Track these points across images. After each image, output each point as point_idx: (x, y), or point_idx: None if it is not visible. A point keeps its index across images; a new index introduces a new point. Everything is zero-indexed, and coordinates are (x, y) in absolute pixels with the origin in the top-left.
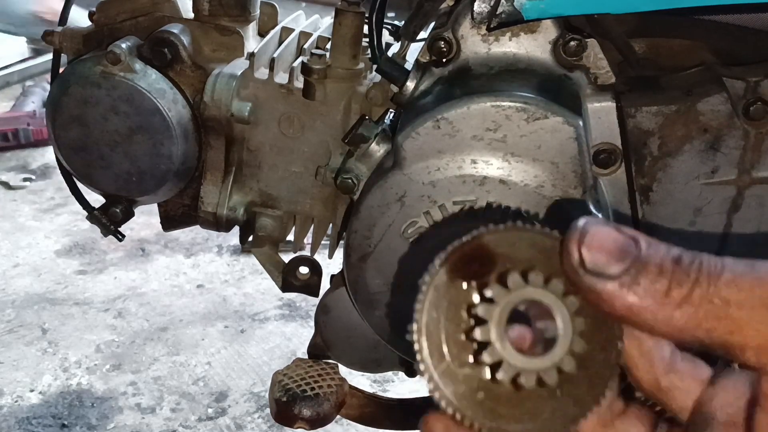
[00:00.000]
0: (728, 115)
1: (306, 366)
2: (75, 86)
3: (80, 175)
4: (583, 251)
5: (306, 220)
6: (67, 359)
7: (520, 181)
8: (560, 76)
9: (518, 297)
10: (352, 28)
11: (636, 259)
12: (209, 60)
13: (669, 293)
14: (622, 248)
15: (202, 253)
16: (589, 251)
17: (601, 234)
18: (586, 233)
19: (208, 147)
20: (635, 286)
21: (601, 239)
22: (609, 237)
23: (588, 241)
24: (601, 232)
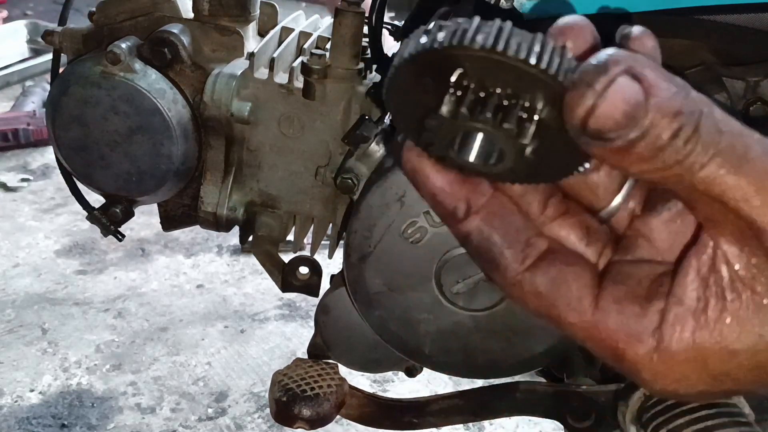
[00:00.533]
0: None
1: (306, 366)
2: (75, 86)
3: (80, 175)
4: (592, 118)
5: (306, 220)
6: (67, 359)
7: None
8: None
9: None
10: (352, 28)
11: (638, 128)
12: (209, 60)
13: (653, 162)
14: (630, 112)
15: (202, 253)
16: (599, 120)
17: (617, 95)
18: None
19: (208, 147)
20: (629, 148)
21: (615, 102)
22: (624, 97)
23: (603, 106)
24: (619, 91)
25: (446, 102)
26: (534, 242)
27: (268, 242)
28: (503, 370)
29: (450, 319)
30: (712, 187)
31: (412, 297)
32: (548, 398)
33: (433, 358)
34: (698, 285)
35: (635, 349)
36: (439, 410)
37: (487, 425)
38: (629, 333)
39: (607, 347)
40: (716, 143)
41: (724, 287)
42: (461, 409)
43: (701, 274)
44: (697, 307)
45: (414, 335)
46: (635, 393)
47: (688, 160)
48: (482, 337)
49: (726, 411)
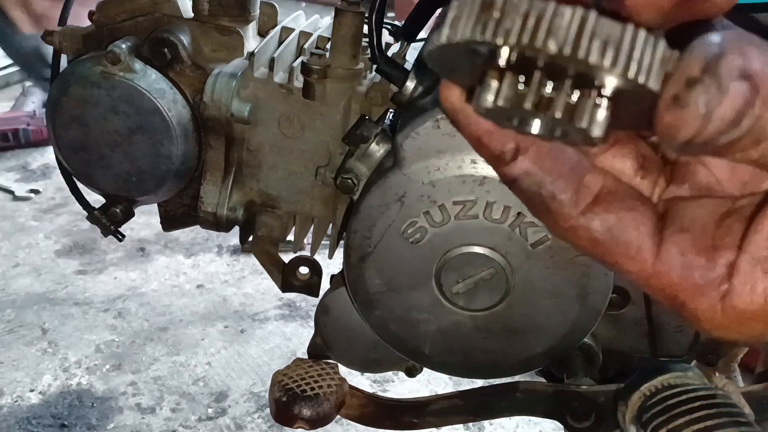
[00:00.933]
0: None
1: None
2: (75, 86)
3: (80, 175)
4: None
5: (306, 220)
6: (67, 359)
7: None
8: None
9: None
10: (352, 27)
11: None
12: (209, 60)
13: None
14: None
15: (202, 253)
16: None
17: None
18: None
19: (208, 147)
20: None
21: (725, 119)
22: (732, 110)
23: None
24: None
25: (505, 89)
26: (588, 182)
27: (268, 242)
28: (503, 370)
29: (450, 319)
30: None
31: (412, 297)
32: (548, 398)
33: (433, 358)
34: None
35: (698, 301)
36: (439, 410)
37: (487, 425)
38: (694, 286)
39: (667, 296)
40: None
41: None
42: (461, 409)
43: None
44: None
45: (414, 335)
46: (635, 393)
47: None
48: (482, 337)
49: (726, 411)
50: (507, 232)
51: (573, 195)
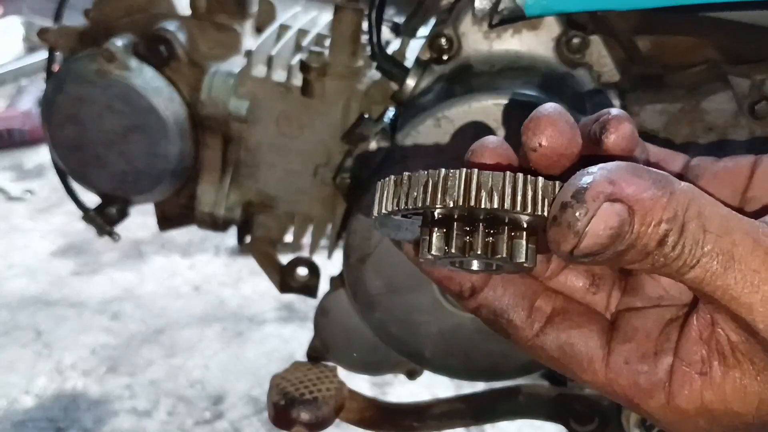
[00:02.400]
0: (733, 113)
1: (304, 369)
2: (70, 84)
3: (75, 174)
4: (580, 247)
5: (304, 220)
6: (62, 362)
7: None
8: (563, 74)
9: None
10: (352, 25)
11: (624, 244)
12: (206, 58)
13: (645, 262)
14: (616, 236)
15: (199, 253)
16: (584, 249)
17: (599, 226)
18: (586, 234)
19: (205, 146)
20: (620, 257)
21: (598, 234)
22: (608, 220)
23: (587, 241)
24: (600, 223)
25: (434, 241)
26: (540, 305)
27: (266, 243)
28: (505, 373)
29: (451, 322)
30: (702, 287)
31: (413, 299)
32: (551, 402)
33: (434, 361)
34: (701, 347)
35: (648, 403)
36: (440, 414)
37: (489, 429)
38: (641, 390)
39: (622, 399)
40: (702, 246)
41: (726, 354)
42: (462, 413)
43: (703, 338)
44: (703, 368)
45: (414, 338)
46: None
47: (676, 264)
48: (483, 340)
49: None
50: None
51: (527, 319)
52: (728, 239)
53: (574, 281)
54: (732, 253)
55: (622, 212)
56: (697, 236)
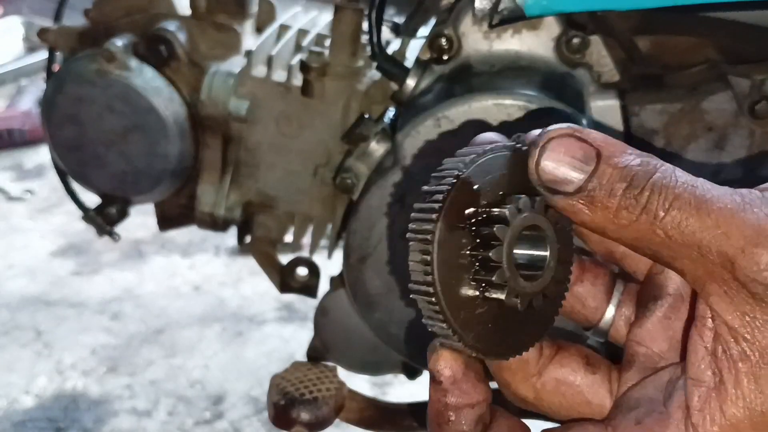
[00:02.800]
0: (733, 113)
1: (304, 369)
2: (70, 84)
3: (75, 174)
4: (539, 169)
5: (304, 220)
6: (62, 362)
7: None
8: (563, 74)
9: (526, 220)
10: (352, 25)
11: (590, 177)
12: (206, 57)
13: (618, 215)
14: (578, 164)
15: (199, 253)
16: (544, 169)
17: (557, 149)
18: (544, 149)
19: (205, 146)
20: (589, 203)
21: (558, 155)
22: (567, 151)
23: (544, 157)
24: (559, 146)
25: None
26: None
27: (266, 243)
28: None
29: None
30: (682, 233)
31: None
32: None
33: None
34: (709, 360)
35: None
36: None
37: None
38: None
39: None
40: (672, 189)
41: (733, 353)
42: None
43: (709, 348)
44: (715, 381)
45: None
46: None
47: (650, 209)
48: None
49: None
50: None
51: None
52: (700, 188)
53: (568, 367)
54: (703, 198)
55: (587, 149)
56: (666, 182)
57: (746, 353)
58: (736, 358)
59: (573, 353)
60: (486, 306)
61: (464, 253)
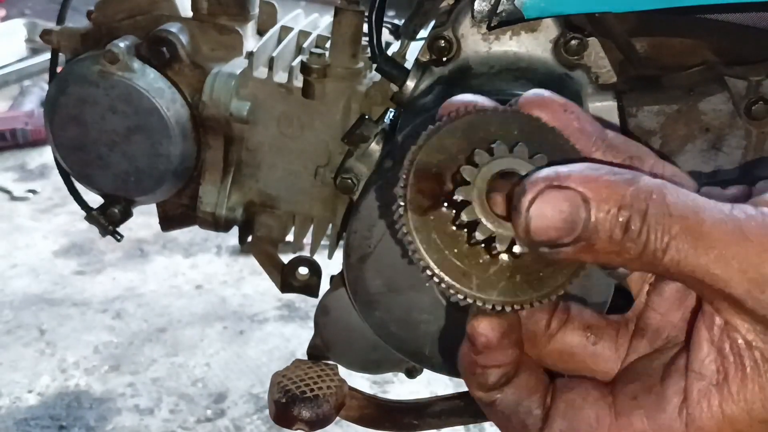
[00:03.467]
0: (730, 114)
1: (305, 367)
2: (73, 86)
3: (78, 175)
4: (530, 236)
5: (305, 220)
6: (65, 360)
7: None
8: (561, 76)
9: (490, 169)
10: (352, 26)
11: (584, 228)
12: (208, 59)
13: (620, 255)
14: (568, 220)
15: (201, 253)
16: (536, 234)
17: (542, 211)
18: (528, 216)
19: (207, 147)
20: (589, 249)
21: (544, 219)
22: (552, 209)
23: (532, 225)
24: (543, 206)
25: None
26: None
27: (268, 243)
28: None
29: (451, 320)
30: (682, 269)
31: (413, 298)
32: None
33: (434, 360)
34: (715, 356)
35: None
36: (440, 412)
37: (488, 427)
38: (658, 427)
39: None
40: (668, 228)
41: (742, 355)
42: (462, 410)
43: (716, 345)
44: (718, 378)
45: (414, 336)
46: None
47: (649, 249)
48: None
49: None
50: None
51: (541, 409)
52: (694, 219)
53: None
54: (700, 231)
55: (573, 198)
56: (662, 220)
57: (757, 362)
58: (745, 363)
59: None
60: (497, 262)
61: (449, 226)
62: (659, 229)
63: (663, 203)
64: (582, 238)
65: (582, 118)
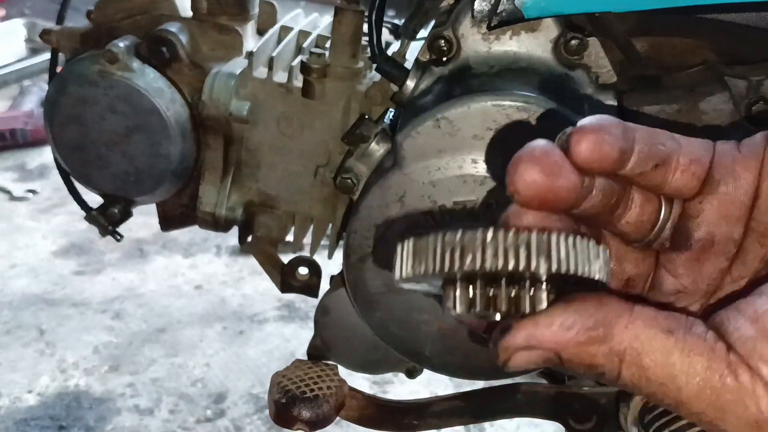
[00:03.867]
0: (730, 114)
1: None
2: (72, 85)
3: (78, 174)
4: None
5: (305, 220)
6: (65, 360)
7: None
8: (561, 75)
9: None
10: (352, 26)
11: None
12: (208, 59)
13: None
14: (545, 362)
15: (201, 253)
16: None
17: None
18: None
19: (207, 146)
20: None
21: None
22: (528, 361)
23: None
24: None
25: (458, 302)
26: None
27: (267, 243)
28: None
29: (451, 320)
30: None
31: (413, 298)
32: (549, 400)
33: (434, 360)
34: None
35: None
36: (440, 412)
37: (488, 427)
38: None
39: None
40: (644, 380)
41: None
42: (462, 410)
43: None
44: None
45: (414, 336)
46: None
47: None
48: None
49: None
50: None
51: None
52: (672, 385)
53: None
54: (678, 399)
55: (545, 354)
56: (638, 383)
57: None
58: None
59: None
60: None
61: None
62: (635, 379)
63: (639, 365)
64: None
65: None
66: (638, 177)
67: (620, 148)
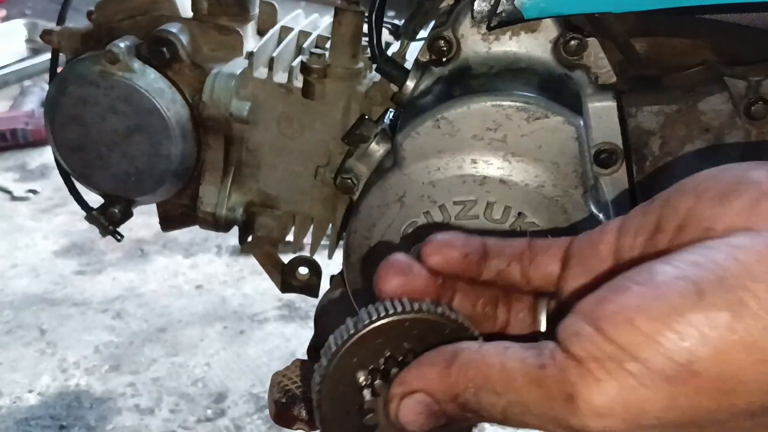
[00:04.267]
0: (730, 114)
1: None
2: (73, 86)
3: (78, 175)
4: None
5: (305, 220)
6: (66, 360)
7: (520, 181)
8: (561, 76)
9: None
10: (352, 27)
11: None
12: (208, 59)
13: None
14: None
15: (201, 253)
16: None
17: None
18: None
19: (207, 147)
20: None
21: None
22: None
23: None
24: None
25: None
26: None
27: (268, 243)
28: None
29: None
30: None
31: None
32: None
33: None
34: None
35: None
36: None
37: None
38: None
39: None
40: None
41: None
42: None
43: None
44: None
45: None
46: None
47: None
48: None
49: None
50: (507, 233)
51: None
52: (514, 392)
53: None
54: (522, 401)
55: (423, 398)
56: (490, 399)
57: None
58: None
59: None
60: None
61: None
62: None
63: (484, 382)
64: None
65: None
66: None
67: (462, 252)
